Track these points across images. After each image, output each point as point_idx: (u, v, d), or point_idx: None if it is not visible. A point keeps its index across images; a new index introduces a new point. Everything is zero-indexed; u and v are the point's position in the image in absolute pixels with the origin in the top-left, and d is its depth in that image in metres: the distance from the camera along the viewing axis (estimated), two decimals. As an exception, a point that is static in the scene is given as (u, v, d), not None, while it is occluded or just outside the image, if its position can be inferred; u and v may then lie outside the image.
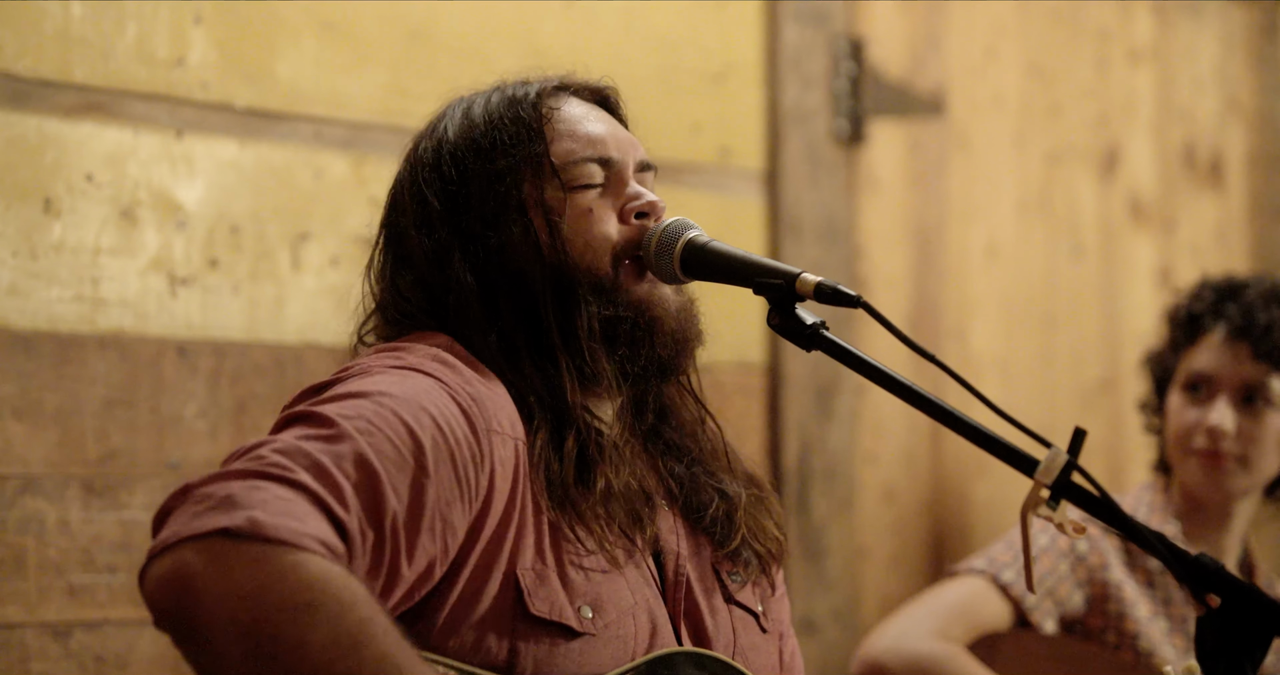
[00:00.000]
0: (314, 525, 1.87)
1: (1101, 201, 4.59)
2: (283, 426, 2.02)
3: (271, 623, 1.80)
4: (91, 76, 2.92)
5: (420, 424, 2.03)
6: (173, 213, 2.98)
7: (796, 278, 2.18)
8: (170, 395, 2.97)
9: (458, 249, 2.26)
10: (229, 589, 1.81)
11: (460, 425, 2.08)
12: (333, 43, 3.18)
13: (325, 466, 1.93)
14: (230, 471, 1.91)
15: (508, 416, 2.16)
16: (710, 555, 2.33)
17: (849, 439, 3.95)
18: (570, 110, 2.32)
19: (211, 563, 1.82)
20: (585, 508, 2.18)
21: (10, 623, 2.80)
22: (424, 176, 2.30)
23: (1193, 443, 3.51)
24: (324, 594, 1.82)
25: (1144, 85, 4.71)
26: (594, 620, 2.15)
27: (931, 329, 4.18)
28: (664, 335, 2.27)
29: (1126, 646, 3.46)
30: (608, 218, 2.28)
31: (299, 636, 1.80)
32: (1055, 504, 2.01)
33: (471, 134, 2.30)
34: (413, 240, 2.29)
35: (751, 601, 2.35)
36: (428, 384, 2.10)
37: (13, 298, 2.82)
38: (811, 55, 3.92)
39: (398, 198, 2.34)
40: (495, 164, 2.27)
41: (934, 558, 4.15)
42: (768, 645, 2.36)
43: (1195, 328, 3.55)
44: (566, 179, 2.27)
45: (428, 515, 2.01)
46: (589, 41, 3.37)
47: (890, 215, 4.13)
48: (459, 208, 2.27)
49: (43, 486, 2.84)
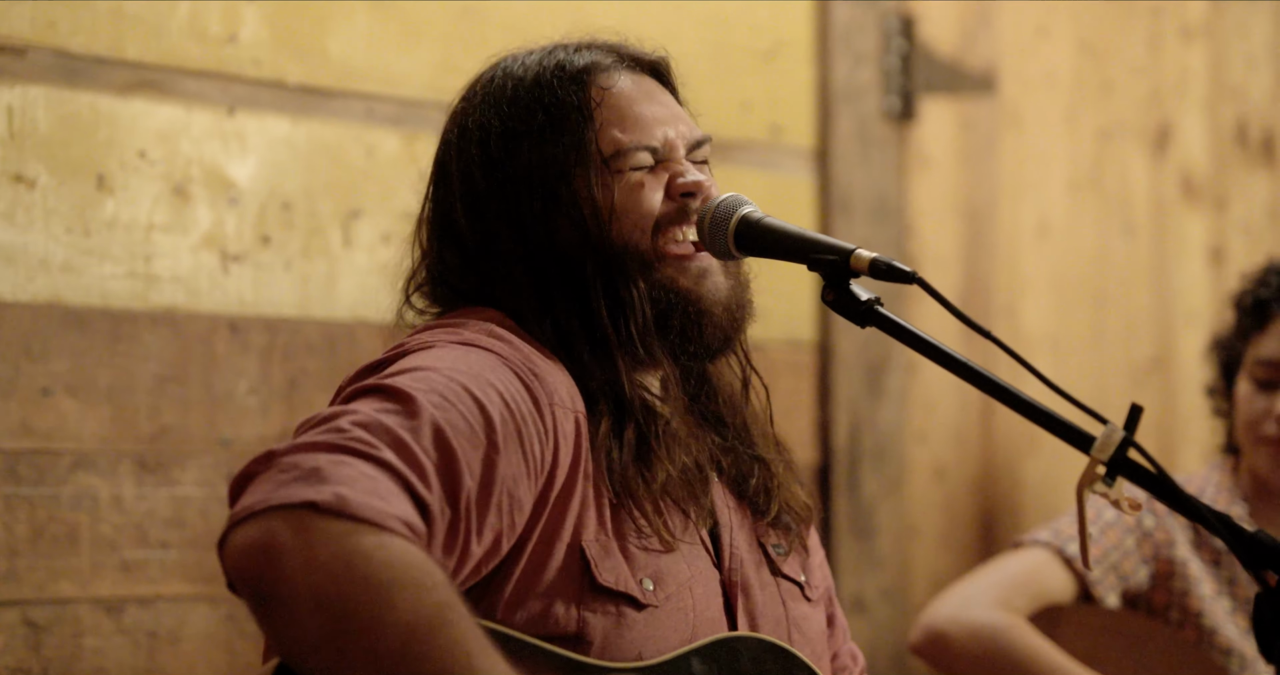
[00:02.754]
0: (398, 505, 1.88)
1: (1153, 179, 4.57)
2: (354, 398, 2.02)
3: (352, 599, 1.80)
4: (144, 54, 2.92)
5: (489, 399, 2.03)
6: (225, 190, 2.99)
7: (851, 254, 2.17)
8: (222, 372, 2.98)
9: (506, 235, 2.25)
10: (313, 562, 1.81)
11: (524, 400, 2.08)
12: (384, 19, 3.18)
13: (407, 443, 1.93)
14: (316, 443, 1.90)
15: (567, 390, 2.16)
16: (752, 525, 2.33)
17: (899, 417, 3.95)
18: (622, 88, 2.29)
19: (298, 534, 1.82)
20: (644, 495, 2.18)
21: (64, 598, 2.81)
22: (472, 153, 2.28)
23: (1262, 430, 3.48)
24: (405, 575, 1.82)
25: (1196, 62, 4.68)
26: (655, 592, 2.15)
27: (982, 307, 4.17)
28: (712, 325, 2.26)
29: (1190, 624, 3.45)
30: (655, 194, 2.26)
31: (377, 615, 1.80)
32: (1111, 480, 2.00)
33: (520, 112, 2.27)
34: (460, 221, 2.28)
35: (795, 572, 2.35)
36: (490, 359, 2.10)
37: (66, 274, 2.83)
38: (862, 32, 3.91)
39: (444, 170, 2.32)
40: (544, 150, 2.25)
41: (984, 536, 4.14)
42: (815, 613, 2.37)
43: (1263, 314, 3.51)
44: (615, 166, 2.25)
45: (497, 492, 2.01)
46: (640, 18, 3.37)
47: (941, 193, 4.12)
48: (506, 192, 2.26)
49: (96, 463, 2.85)
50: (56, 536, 2.81)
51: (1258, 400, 3.48)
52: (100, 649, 2.85)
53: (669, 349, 2.25)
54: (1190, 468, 4.36)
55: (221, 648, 2.96)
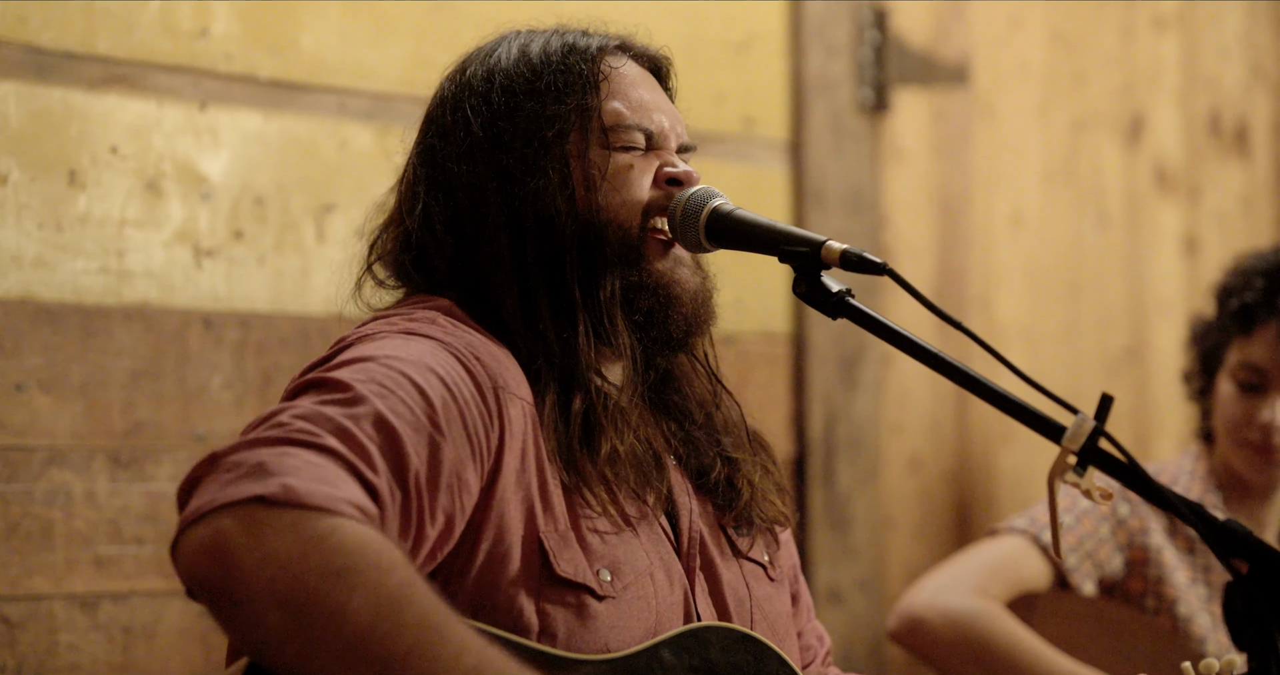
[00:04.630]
0: (347, 489, 1.88)
1: (1127, 170, 4.57)
2: (295, 394, 2.03)
3: (311, 588, 1.80)
4: (115, 48, 2.92)
5: (430, 384, 2.04)
6: (197, 184, 2.98)
7: (822, 245, 2.18)
8: (196, 367, 2.98)
9: (495, 187, 2.26)
10: (267, 556, 1.80)
11: (467, 384, 2.08)
12: (356, 14, 3.18)
13: (349, 430, 1.94)
14: (257, 439, 1.91)
15: (513, 376, 2.16)
16: (715, 514, 2.33)
17: (874, 408, 3.95)
18: (628, 72, 2.33)
19: (248, 530, 1.81)
20: (592, 470, 2.19)
21: (38, 594, 2.81)
22: (471, 103, 2.30)
23: (1244, 435, 3.48)
24: (363, 558, 1.82)
25: (1169, 53, 4.69)
26: (613, 583, 2.15)
27: (957, 298, 4.18)
28: (679, 314, 2.28)
29: (1165, 612, 3.46)
30: (644, 178, 2.28)
31: (339, 601, 1.80)
32: (1082, 470, 2.01)
33: (527, 72, 2.29)
34: (452, 171, 2.28)
35: (758, 553, 2.36)
36: (432, 346, 2.10)
37: (39, 270, 2.82)
38: (835, 24, 3.91)
39: (438, 119, 2.33)
40: (546, 108, 2.27)
41: (959, 527, 4.15)
42: (779, 594, 2.37)
43: (1249, 318, 3.48)
44: (612, 139, 2.28)
45: (445, 474, 2.02)
46: (612, 11, 3.36)
47: (915, 184, 4.12)
48: (502, 144, 2.27)
49: (69, 458, 2.85)
50: (30, 533, 2.80)
51: (1240, 403, 3.48)
52: (75, 645, 2.85)
53: (631, 327, 2.26)
54: (1165, 457, 4.37)
55: (197, 643, 2.96)
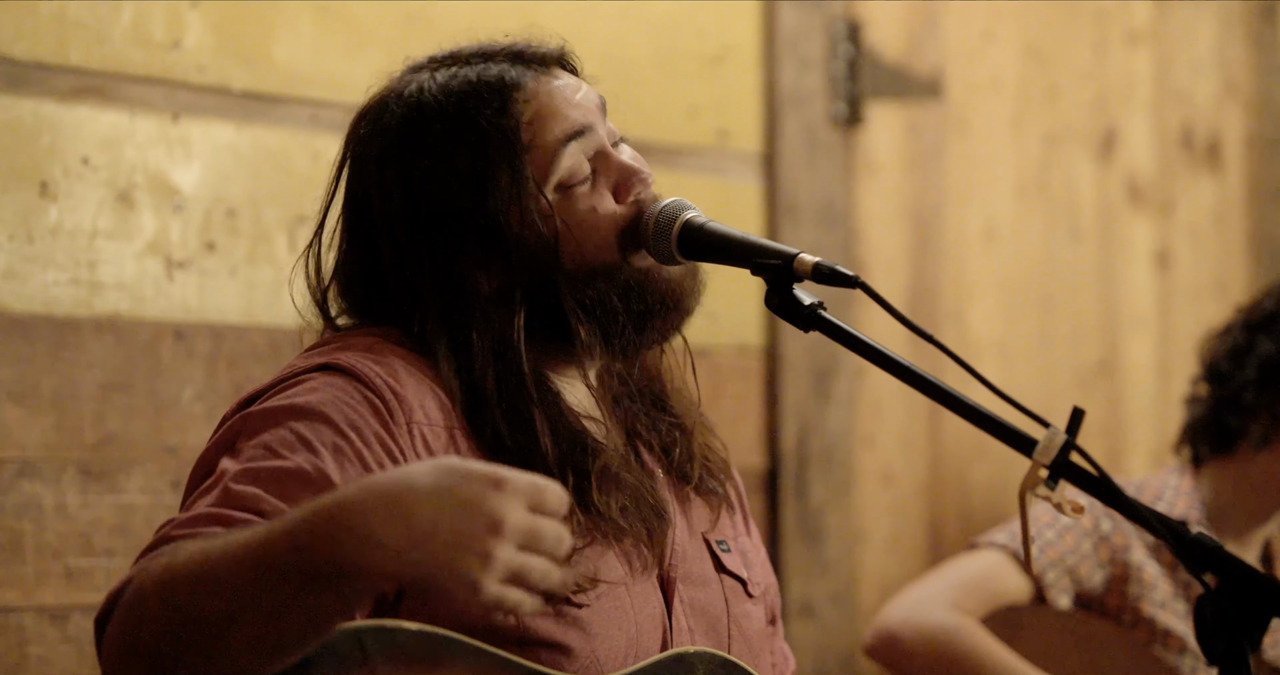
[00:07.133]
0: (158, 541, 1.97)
1: (1099, 184, 4.58)
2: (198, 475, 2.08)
3: (138, 646, 1.93)
4: (87, 60, 2.91)
5: (321, 440, 2.04)
6: (169, 196, 2.97)
7: (794, 258, 2.17)
8: (167, 379, 2.97)
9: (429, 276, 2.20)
10: (110, 658, 1.98)
11: (369, 425, 2.07)
12: (329, 25, 3.18)
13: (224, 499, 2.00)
14: (143, 556, 1.99)
15: (437, 405, 2.15)
16: (697, 520, 2.32)
17: (847, 422, 3.95)
18: (539, 98, 2.23)
19: (101, 653, 2.00)
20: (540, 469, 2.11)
21: (8, 607, 2.80)
22: (388, 180, 2.22)
23: None
24: (161, 583, 1.89)
25: (1142, 67, 4.70)
26: (585, 595, 2.13)
27: (929, 311, 4.18)
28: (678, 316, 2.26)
29: (1143, 627, 3.45)
30: (606, 203, 2.24)
31: (196, 613, 1.86)
32: (1054, 483, 2.01)
33: (436, 144, 2.21)
34: (384, 255, 2.23)
35: (738, 567, 2.34)
36: (342, 389, 2.09)
37: (9, 281, 2.81)
38: (809, 38, 3.91)
39: (359, 199, 2.26)
40: (478, 192, 2.19)
41: (933, 541, 4.15)
42: (757, 610, 2.36)
43: None
44: (557, 183, 2.22)
45: None
46: (586, 23, 3.36)
47: (888, 198, 4.13)
48: (436, 225, 2.20)
49: (40, 470, 2.84)
50: (0, 545, 2.79)
51: None
52: (45, 657, 2.83)
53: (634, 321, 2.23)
54: (1137, 471, 4.38)
55: (167, 656, 2.95)
